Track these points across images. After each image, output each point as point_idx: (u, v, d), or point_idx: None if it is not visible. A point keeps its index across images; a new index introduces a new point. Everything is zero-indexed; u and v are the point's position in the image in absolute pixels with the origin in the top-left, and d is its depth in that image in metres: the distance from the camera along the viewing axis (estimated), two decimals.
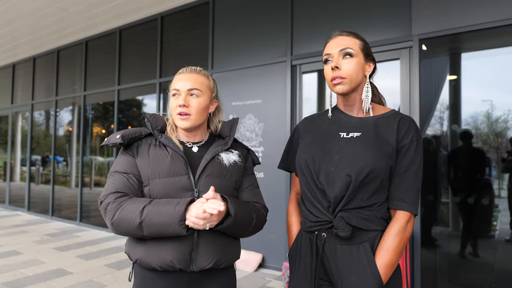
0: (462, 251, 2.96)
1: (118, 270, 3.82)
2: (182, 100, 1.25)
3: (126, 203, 1.17)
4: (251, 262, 3.84)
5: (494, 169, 2.90)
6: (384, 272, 1.12)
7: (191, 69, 1.33)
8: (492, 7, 2.76)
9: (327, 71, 1.24)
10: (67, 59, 6.71)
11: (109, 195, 1.19)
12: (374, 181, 1.15)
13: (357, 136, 1.21)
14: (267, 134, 3.99)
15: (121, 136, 1.24)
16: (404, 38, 3.14)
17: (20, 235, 5.37)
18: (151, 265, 1.18)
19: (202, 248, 1.19)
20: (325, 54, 1.26)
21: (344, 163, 1.17)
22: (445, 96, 3.08)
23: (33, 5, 4.91)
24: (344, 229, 1.13)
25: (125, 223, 1.14)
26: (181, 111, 1.25)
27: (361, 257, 1.14)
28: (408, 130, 1.18)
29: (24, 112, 7.98)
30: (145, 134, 1.31)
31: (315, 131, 1.32)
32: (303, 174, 1.26)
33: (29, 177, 7.42)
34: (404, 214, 1.15)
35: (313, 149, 1.26)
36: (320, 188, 1.20)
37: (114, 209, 1.16)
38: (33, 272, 3.69)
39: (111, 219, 1.16)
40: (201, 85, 1.29)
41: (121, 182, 1.22)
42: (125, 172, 1.24)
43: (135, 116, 5.91)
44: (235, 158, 1.34)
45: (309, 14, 3.75)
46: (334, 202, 1.17)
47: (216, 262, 1.21)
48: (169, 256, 1.16)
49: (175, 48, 5.07)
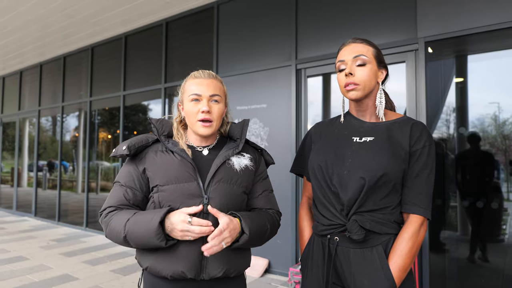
0: (471, 256, 2.91)
1: (124, 275, 3.81)
2: (206, 106, 1.22)
3: (114, 215, 1.18)
4: (257, 267, 3.81)
5: (502, 172, 2.86)
6: (398, 276, 1.12)
7: (209, 74, 1.29)
8: (498, 9, 2.73)
9: (341, 77, 1.26)
10: (73, 66, 6.77)
11: (106, 209, 1.22)
12: (387, 185, 1.16)
13: (370, 140, 1.22)
14: (272, 139, 3.98)
15: (127, 147, 1.22)
16: (409, 41, 3.12)
17: (27, 240, 5.40)
18: (161, 273, 1.17)
19: (212, 257, 1.17)
20: (338, 61, 1.28)
21: (358, 166, 1.18)
22: (451, 99, 3.05)
23: (39, 12, 4.96)
24: (358, 232, 1.13)
25: (114, 237, 1.17)
26: (204, 117, 1.22)
27: (374, 261, 1.14)
28: (421, 135, 1.20)
29: (31, 118, 8.05)
30: (152, 141, 1.28)
31: (328, 135, 1.34)
32: (316, 178, 1.27)
33: (36, 183, 7.47)
34: (418, 218, 1.16)
35: (326, 153, 1.27)
36: (334, 191, 1.21)
37: (106, 223, 1.19)
38: (39, 278, 3.69)
39: (105, 233, 1.20)
40: (220, 91, 1.27)
41: (117, 196, 1.23)
42: (122, 185, 1.24)
43: (140, 121, 5.93)
44: (246, 162, 1.30)
45: (314, 17, 3.75)
46: (348, 205, 1.17)
47: (227, 271, 1.20)
48: (180, 266, 1.15)
49: (180, 53, 5.09)
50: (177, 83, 5.42)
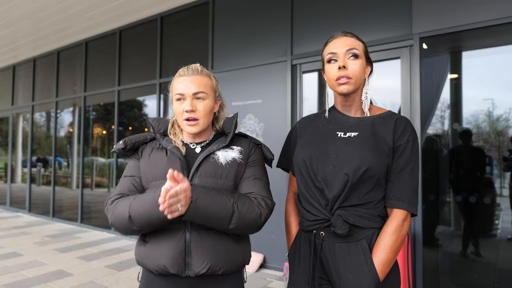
0: (464, 251, 2.94)
1: (119, 271, 3.81)
2: (189, 105, 1.21)
3: (120, 201, 1.20)
4: (252, 262, 3.83)
5: (495, 167, 2.89)
6: (381, 270, 1.13)
7: (193, 70, 1.26)
8: (493, 5, 2.74)
9: (332, 70, 1.23)
10: (67, 60, 6.71)
11: (110, 199, 1.24)
12: (370, 179, 1.16)
13: (354, 136, 1.22)
14: (268, 134, 3.98)
15: (123, 142, 1.29)
16: (404, 36, 3.12)
17: (21, 236, 5.37)
18: (147, 267, 1.20)
19: (194, 252, 1.16)
20: (329, 53, 1.24)
21: (342, 162, 1.18)
22: (446, 95, 3.07)
23: (33, 6, 4.90)
24: (342, 227, 1.14)
25: (119, 220, 1.17)
26: (188, 117, 1.22)
27: (358, 255, 1.15)
28: (405, 130, 1.20)
29: (25, 113, 7.98)
30: (150, 138, 1.33)
31: (313, 131, 1.33)
32: (301, 173, 1.27)
33: (30, 178, 7.42)
34: (401, 213, 1.17)
35: (311, 148, 1.27)
36: (318, 187, 1.21)
37: (111, 210, 1.20)
38: (33, 273, 3.68)
39: (110, 220, 1.20)
40: (205, 87, 1.24)
41: (124, 185, 1.27)
42: (131, 176, 1.29)
43: (135, 117, 5.91)
44: (234, 155, 1.27)
45: (309, 13, 3.74)
46: (332, 201, 1.18)
47: (212, 267, 1.16)
48: (163, 260, 1.16)
49: (175, 48, 5.07)
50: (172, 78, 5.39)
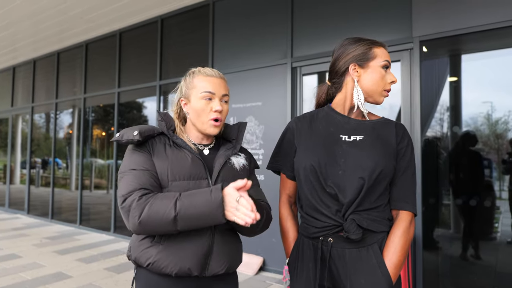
0: (464, 254, 2.94)
1: (118, 273, 3.80)
2: (220, 106, 1.23)
3: (154, 199, 1.09)
4: (252, 265, 3.82)
5: (495, 170, 2.89)
6: (393, 273, 1.13)
7: (219, 73, 1.30)
8: (493, 9, 2.75)
9: (385, 80, 1.27)
10: (67, 62, 6.71)
11: (134, 192, 1.11)
12: (383, 182, 1.18)
13: (360, 139, 1.22)
14: (268, 137, 3.98)
15: (139, 133, 1.17)
16: (404, 40, 3.13)
17: (20, 238, 5.36)
18: (165, 271, 1.14)
19: (215, 253, 1.19)
20: (385, 60, 1.27)
21: (353, 166, 1.17)
22: (445, 98, 3.07)
23: (33, 7, 4.91)
24: (356, 232, 1.12)
25: (156, 220, 1.07)
26: (217, 117, 1.23)
27: (371, 259, 1.15)
28: (404, 134, 1.25)
29: (24, 114, 7.97)
30: (157, 133, 1.25)
31: (312, 132, 1.29)
32: (308, 179, 1.22)
33: (29, 180, 7.40)
34: (407, 215, 1.19)
35: (317, 152, 1.22)
36: (330, 192, 1.18)
37: (141, 206, 1.08)
38: (32, 276, 3.67)
39: (139, 217, 1.07)
40: (228, 91, 1.30)
41: (143, 179, 1.14)
42: (146, 169, 1.16)
43: (135, 119, 5.90)
44: (243, 161, 1.33)
45: (310, 16, 3.75)
46: (347, 206, 1.16)
47: (229, 267, 1.22)
48: (188, 263, 1.14)
49: (175, 51, 5.07)
50: (172, 80, 5.34)
